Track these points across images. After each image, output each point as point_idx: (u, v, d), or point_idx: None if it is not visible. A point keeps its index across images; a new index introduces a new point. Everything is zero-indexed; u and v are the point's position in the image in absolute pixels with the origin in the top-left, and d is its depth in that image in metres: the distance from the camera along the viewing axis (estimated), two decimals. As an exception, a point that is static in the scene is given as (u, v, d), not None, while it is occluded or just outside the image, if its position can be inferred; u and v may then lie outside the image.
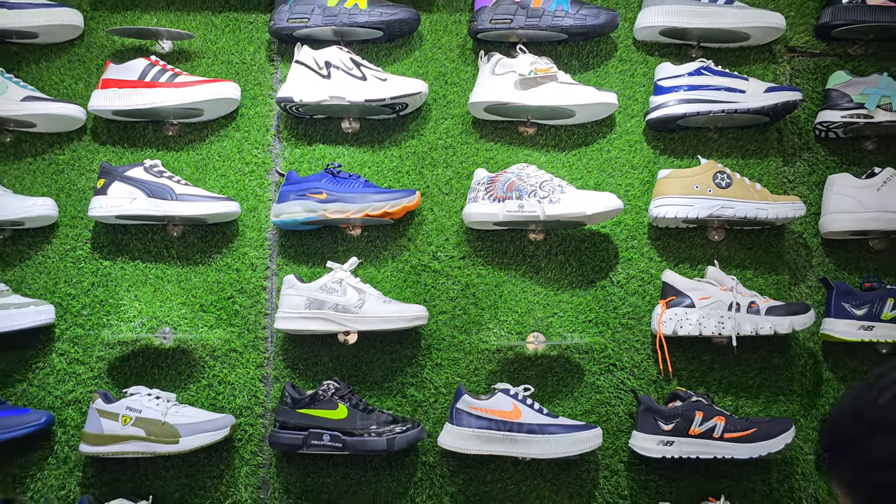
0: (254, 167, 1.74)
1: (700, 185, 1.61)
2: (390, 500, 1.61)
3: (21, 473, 1.62)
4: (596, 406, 1.63)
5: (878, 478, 0.71)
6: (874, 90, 1.66)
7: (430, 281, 1.68)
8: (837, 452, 0.78)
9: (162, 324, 1.67)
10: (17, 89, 1.68)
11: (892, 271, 1.69)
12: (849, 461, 0.76)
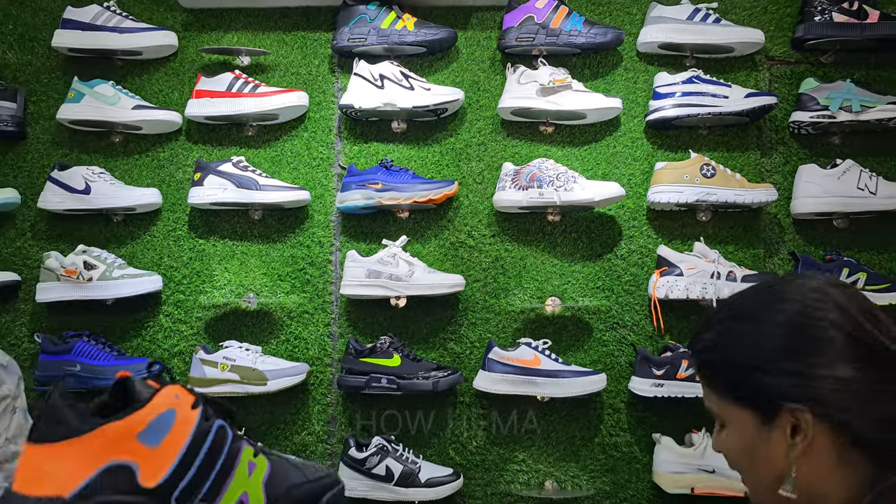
0: (320, 161, 2.10)
1: (689, 175, 1.95)
2: (435, 432, 1.99)
3: (139, 410, 2.01)
4: (602, 356, 1.99)
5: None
6: (837, 94, 1.98)
7: (466, 255, 2.04)
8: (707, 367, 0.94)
9: (247, 290, 2.05)
10: (127, 99, 2.05)
11: (851, 246, 2.01)
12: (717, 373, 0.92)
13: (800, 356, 0.85)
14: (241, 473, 0.68)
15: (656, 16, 2.03)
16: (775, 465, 0.87)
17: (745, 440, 0.89)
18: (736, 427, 0.90)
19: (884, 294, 1.91)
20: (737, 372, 0.89)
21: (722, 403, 0.92)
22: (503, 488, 1.97)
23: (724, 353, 0.91)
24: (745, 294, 0.96)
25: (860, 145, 2.04)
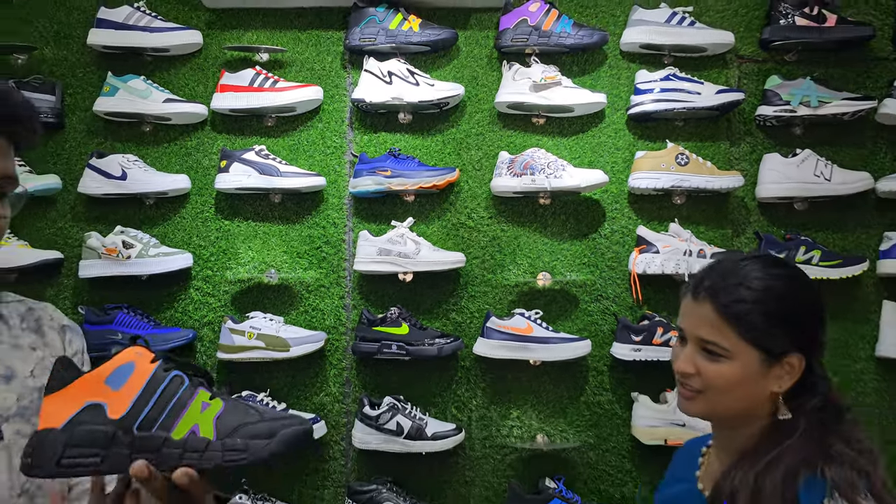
0: (333, 150, 2.31)
1: (665, 164, 2.18)
2: (439, 393, 2.24)
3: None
4: (587, 325, 2.24)
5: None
6: (798, 91, 2.21)
7: (466, 234, 2.28)
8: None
9: (269, 267, 2.27)
10: (158, 93, 2.26)
11: (809, 227, 2.25)
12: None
13: (817, 323, 1.15)
14: (194, 410, 0.87)
15: (637, 19, 2.25)
16: (756, 391, 1.13)
17: (746, 371, 1.11)
18: (740, 360, 1.11)
19: (836, 269, 2.17)
20: (768, 326, 1.11)
21: (738, 341, 1.11)
22: (500, 441, 2.22)
23: (760, 309, 1.11)
24: (774, 263, 1.18)
25: (818, 136, 2.27)
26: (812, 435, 1.09)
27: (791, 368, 1.12)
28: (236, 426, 0.86)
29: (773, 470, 1.07)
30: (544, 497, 2.10)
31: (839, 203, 2.23)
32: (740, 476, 1.10)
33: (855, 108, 2.20)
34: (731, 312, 1.12)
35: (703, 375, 1.14)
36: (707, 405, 1.16)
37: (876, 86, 2.27)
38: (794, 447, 1.08)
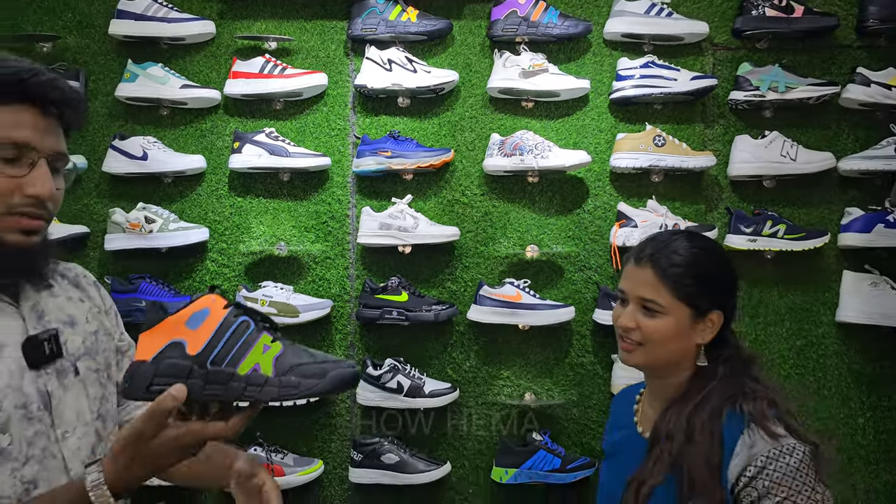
0: (337, 132, 2.49)
1: (644, 145, 2.37)
2: (435, 355, 2.44)
3: (192, 338, 2.44)
4: (571, 293, 2.44)
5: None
6: (767, 77, 2.39)
7: (461, 210, 2.47)
8: None
9: (279, 240, 2.46)
10: (175, 80, 2.43)
11: (776, 202, 2.44)
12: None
13: (733, 286, 1.37)
14: (257, 350, 0.99)
15: (619, 10, 2.42)
16: (685, 343, 1.32)
17: (679, 326, 1.31)
18: (674, 316, 1.30)
19: (800, 241, 2.36)
20: (697, 287, 1.31)
21: (672, 299, 1.30)
22: (491, 399, 2.43)
23: (691, 272, 1.31)
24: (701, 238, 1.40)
25: (786, 119, 2.45)
26: (730, 379, 1.29)
27: (712, 324, 1.32)
28: (292, 366, 0.98)
29: (701, 410, 1.26)
30: (531, 449, 2.32)
31: (804, 181, 2.42)
32: (674, 419, 1.28)
33: (819, 93, 2.38)
34: (668, 275, 1.31)
35: (642, 330, 1.32)
36: (645, 356, 1.34)
37: (840, 72, 2.45)
38: (716, 389, 1.28)
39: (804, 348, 2.43)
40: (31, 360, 1.10)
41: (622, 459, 1.41)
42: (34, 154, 1.08)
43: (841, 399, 2.41)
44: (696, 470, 1.23)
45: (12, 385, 1.06)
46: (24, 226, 1.08)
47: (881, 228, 2.34)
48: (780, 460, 1.19)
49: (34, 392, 1.09)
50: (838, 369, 2.42)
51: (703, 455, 1.23)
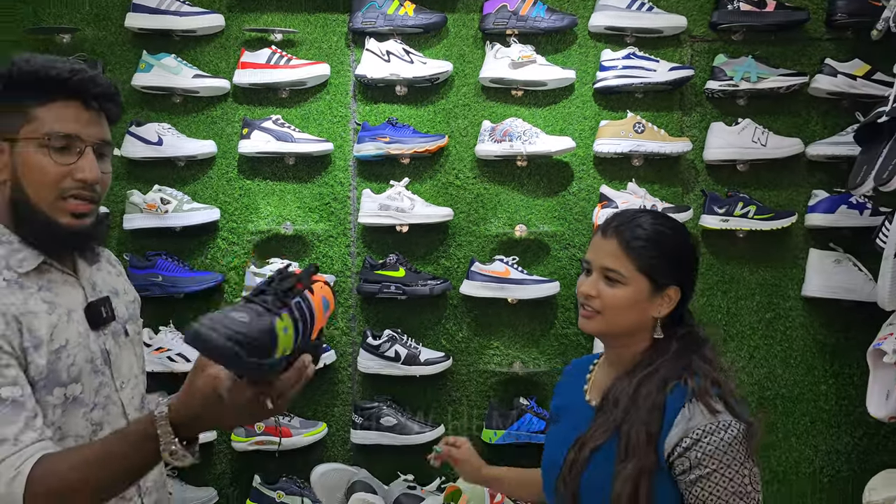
0: (339, 119, 2.67)
1: (625, 131, 2.54)
2: (430, 326, 2.64)
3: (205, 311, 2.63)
4: (556, 269, 2.62)
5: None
6: (740, 68, 2.55)
7: (454, 192, 2.65)
8: None
9: (285, 220, 2.64)
10: (188, 70, 2.60)
11: (748, 185, 2.61)
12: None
13: (692, 265, 1.44)
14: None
15: (603, 4, 2.58)
16: (642, 314, 1.38)
17: (637, 296, 1.36)
18: (633, 287, 1.36)
19: (768, 222, 2.54)
20: (657, 260, 1.37)
21: (633, 270, 1.36)
22: (482, 367, 2.63)
23: (653, 246, 1.37)
24: (665, 217, 1.45)
25: (758, 107, 2.62)
26: (680, 354, 1.35)
27: (669, 299, 1.38)
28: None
29: (649, 381, 1.33)
30: (519, 412, 2.51)
31: (774, 165, 2.59)
32: (624, 386, 1.35)
33: (789, 83, 2.55)
34: (631, 246, 1.37)
35: (602, 298, 1.38)
36: (603, 324, 1.39)
37: (809, 63, 2.61)
38: (666, 363, 1.35)
39: (773, 321, 2.62)
40: (92, 322, 1.30)
41: (566, 425, 1.47)
42: (81, 143, 1.24)
43: (806, 368, 2.60)
44: (634, 434, 1.28)
45: (81, 343, 1.26)
46: (75, 209, 1.25)
47: (845, 209, 2.52)
48: (715, 434, 1.25)
49: (97, 349, 1.29)
50: (804, 340, 2.60)
51: (643, 421, 1.28)
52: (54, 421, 1.21)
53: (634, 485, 1.26)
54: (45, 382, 1.19)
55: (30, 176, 1.23)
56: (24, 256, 1.24)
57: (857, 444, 2.57)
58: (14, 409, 1.11)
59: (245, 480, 2.58)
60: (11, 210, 1.25)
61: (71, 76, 1.23)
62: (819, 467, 2.58)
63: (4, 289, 1.19)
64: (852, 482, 2.54)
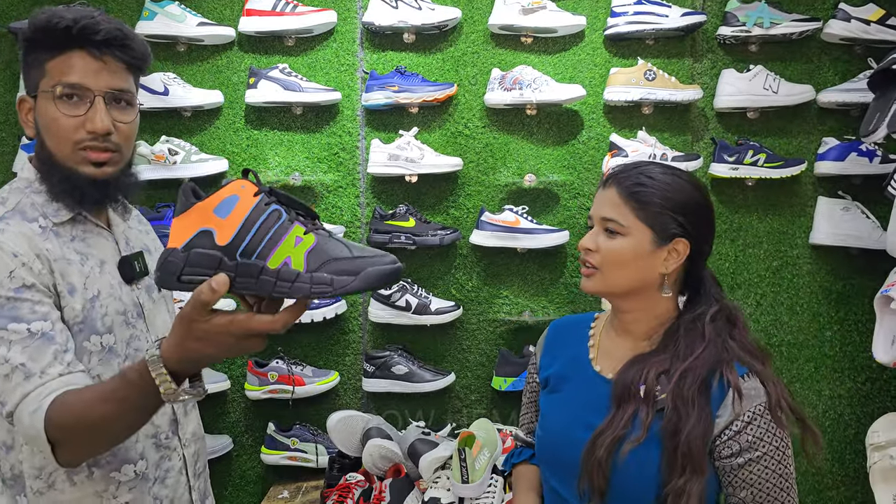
0: (346, 67, 2.63)
1: (635, 79, 2.52)
2: (441, 276, 2.65)
3: (215, 262, 2.64)
4: (566, 218, 2.63)
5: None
6: (753, 13, 2.52)
7: (463, 142, 2.63)
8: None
9: (293, 170, 2.64)
10: (192, 17, 2.56)
11: (759, 133, 2.60)
12: None
13: (703, 216, 1.31)
14: (288, 243, 0.92)
15: (615, -52, 2.53)
16: (648, 272, 1.28)
17: (639, 248, 1.27)
18: (634, 237, 1.27)
19: (778, 170, 2.54)
20: (660, 207, 1.26)
21: (635, 220, 1.27)
22: (491, 316, 2.65)
23: (656, 192, 1.27)
24: (674, 168, 1.33)
25: (771, 53, 2.60)
26: (715, 341, 1.25)
27: (677, 253, 1.27)
28: (325, 261, 0.91)
29: (691, 380, 1.22)
30: (528, 360, 2.55)
31: (785, 112, 2.58)
32: (649, 373, 1.25)
33: (802, 28, 2.51)
34: (630, 192, 1.28)
35: (601, 251, 1.28)
36: (603, 281, 1.29)
37: (823, 7, 2.57)
38: (703, 354, 1.24)
39: (780, 268, 2.64)
40: (125, 276, 1.32)
41: (573, 397, 1.36)
42: (90, 93, 1.24)
43: (811, 314, 2.63)
44: (692, 446, 1.19)
45: (113, 295, 1.29)
46: (93, 158, 1.26)
47: (854, 157, 2.51)
48: (765, 417, 1.21)
49: (130, 302, 1.32)
50: (810, 287, 2.63)
51: (700, 432, 1.19)
52: (91, 368, 1.24)
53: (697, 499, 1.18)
54: (81, 328, 1.22)
55: (47, 129, 1.25)
56: (59, 206, 1.27)
57: (860, 388, 2.62)
58: (43, 343, 1.13)
59: (259, 428, 2.63)
60: (41, 165, 1.28)
61: (73, 24, 1.22)
62: (822, 411, 2.63)
63: (40, 234, 1.22)
64: (854, 425, 2.60)
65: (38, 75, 1.25)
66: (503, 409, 2.65)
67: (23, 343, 1.12)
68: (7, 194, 1.27)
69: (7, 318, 1.13)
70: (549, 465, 1.40)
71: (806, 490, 2.62)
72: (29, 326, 1.13)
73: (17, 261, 1.16)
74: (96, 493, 1.26)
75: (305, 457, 2.54)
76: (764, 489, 1.21)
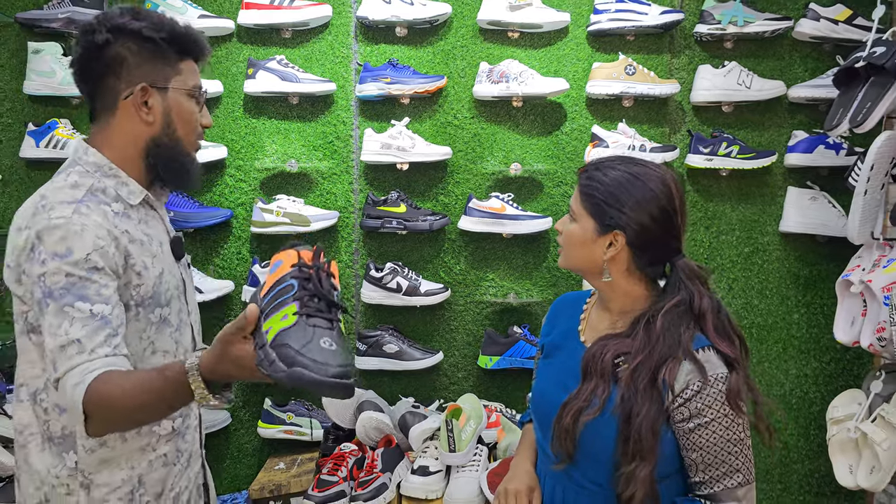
0: (341, 59, 2.75)
1: (616, 73, 2.65)
2: (429, 260, 2.79)
3: (216, 244, 2.76)
4: (549, 205, 2.77)
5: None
6: (728, 12, 2.65)
7: (453, 131, 2.76)
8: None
9: (290, 157, 2.76)
10: (193, 10, 2.67)
11: (733, 126, 2.75)
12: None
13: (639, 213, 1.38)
14: (277, 316, 1.06)
15: (598, -52, 2.66)
16: (594, 256, 1.42)
17: (584, 235, 1.42)
18: (582, 225, 1.42)
19: (751, 161, 2.68)
20: (603, 202, 1.40)
21: (583, 210, 1.42)
22: (478, 298, 2.79)
23: (602, 189, 1.40)
24: (637, 165, 1.42)
25: (744, 50, 2.74)
26: (666, 338, 1.34)
27: (615, 242, 1.40)
28: (282, 343, 1.03)
29: (643, 369, 1.33)
30: (512, 340, 2.69)
31: (757, 106, 2.72)
32: (607, 354, 1.37)
33: (774, 27, 2.66)
34: (583, 185, 1.45)
35: (563, 233, 1.47)
36: (564, 258, 1.49)
37: (794, 7, 2.72)
38: (657, 350, 1.34)
39: (751, 254, 2.79)
40: (175, 254, 1.51)
41: (560, 361, 1.51)
42: (203, 94, 1.50)
43: (780, 298, 2.79)
44: (643, 435, 1.30)
45: (171, 271, 1.48)
46: (199, 147, 1.51)
47: (822, 149, 2.66)
48: (714, 386, 1.31)
49: (179, 278, 1.51)
50: (779, 272, 2.78)
51: (650, 423, 1.30)
52: (150, 336, 1.41)
53: (646, 484, 1.29)
54: (149, 302, 1.39)
55: (181, 119, 1.45)
56: (131, 190, 1.43)
57: (825, 368, 2.78)
58: (100, 325, 1.26)
59: (256, 403, 2.76)
60: (145, 151, 1.43)
61: (202, 40, 1.48)
62: (789, 389, 2.79)
63: (116, 217, 1.36)
64: (819, 403, 2.76)
65: (171, 72, 1.43)
66: (488, 386, 2.79)
67: (83, 321, 1.24)
68: (77, 178, 1.37)
69: (75, 296, 1.25)
70: (538, 423, 1.54)
71: (773, 463, 2.78)
72: (92, 308, 1.26)
73: (97, 244, 1.29)
74: (141, 447, 1.43)
75: (301, 430, 2.67)
76: (712, 452, 1.32)
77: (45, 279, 1.26)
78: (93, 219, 1.31)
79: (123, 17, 1.38)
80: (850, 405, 2.38)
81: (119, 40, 1.38)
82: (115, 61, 1.38)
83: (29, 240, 1.29)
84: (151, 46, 1.40)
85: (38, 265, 1.27)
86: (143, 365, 1.40)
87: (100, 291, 1.28)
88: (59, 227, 1.27)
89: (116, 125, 1.42)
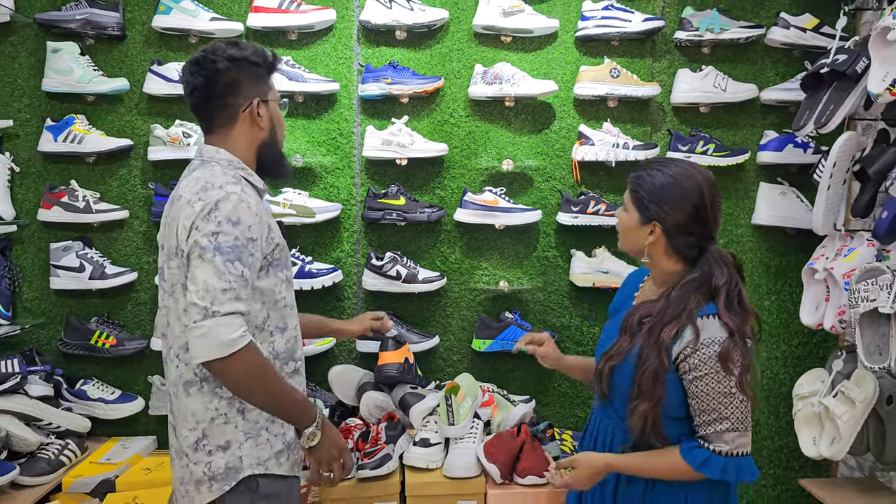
0: (344, 61, 2.92)
1: (601, 76, 2.84)
2: (427, 249, 2.96)
3: (223, 235, 2.92)
4: (539, 199, 2.96)
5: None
6: (705, 20, 2.86)
7: (449, 129, 2.94)
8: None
9: (295, 153, 2.92)
10: (204, 13, 2.82)
11: (710, 126, 2.95)
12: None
13: (676, 209, 1.64)
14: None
15: (585, -41, 2.85)
16: (638, 241, 1.70)
17: (629, 222, 1.71)
18: (630, 216, 1.71)
19: (725, 158, 2.88)
20: (645, 198, 1.67)
21: (630, 203, 1.71)
22: (472, 285, 2.98)
23: (645, 187, 1.67)
24: (683, 168, 1.68)
25: (721, 56, 2.94)
26: (677, 306, 1.61)
27: (653, 232, 1.67)
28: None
29: (656, 329, 1.61)
30: (504, 324, 2.88)
31: (732, 108, 2.93)
32: (636, 319, 1.68)
33: (748, 34, 2.86)
34: (631, 181, 1.73)
35: (619, 222, 1.76)
36: (620, 241, 1.78)
37: (766, 16, 2.92)
38: (669, 315, 1.61)
39: (726, 245, 2.98)
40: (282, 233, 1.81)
41: (616, 321, 1.78)
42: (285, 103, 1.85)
43: (753, 286, 3.00)
44: (645, 379, 1.59)
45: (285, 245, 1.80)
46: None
47: (791, 148, 2.87)
48: (710, 347, 1.55)
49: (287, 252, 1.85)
50: (752, 262, 2.99)
51: (653, 371, 1.58)
52: (282, 291, 1.73)
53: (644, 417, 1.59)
54: (284, 263, 1.75)
55: (280, 125, 1.84)
56: (256, 181, 1.76)
57: (793, 351, 3.00)
58: (244, 284, 1.58)
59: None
60: (258, 151, 1.78)
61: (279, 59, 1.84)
62: (760, 371, 3.00)
63: (260, 202, 1.70)
64: (788, 383, 2.97)
65: (267, 88, 1.79)
66: (482, 368, 2.98)
67: (234, 280, 1.55)
68: (224, 169, 1.69)
69: (236, 256, 1.56)
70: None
71: (745, 439, 2.99)
72: (243, 270, 1.57)
73: (256, 218, 1.61)
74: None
75: (305, 409, 2.84)
76: (705, 401, 1.58)
77: (218, 237, 1.55)
78: (252, 198, 1.65)
79: (232, 48, 1.73)
80: (814, 383, 2.59)
81: (235, 66, 1.71)
82: (234, 83, 1.72)
83: (207, 205, 1.57)
84: (255, 69, 1.74)
85: (213, 224, 1.56)
86: (275, 314, 1.71)
87: (251, 260, 1.59)
88: (231, 200, 1.58)
89: (237, 133, 1.75)
